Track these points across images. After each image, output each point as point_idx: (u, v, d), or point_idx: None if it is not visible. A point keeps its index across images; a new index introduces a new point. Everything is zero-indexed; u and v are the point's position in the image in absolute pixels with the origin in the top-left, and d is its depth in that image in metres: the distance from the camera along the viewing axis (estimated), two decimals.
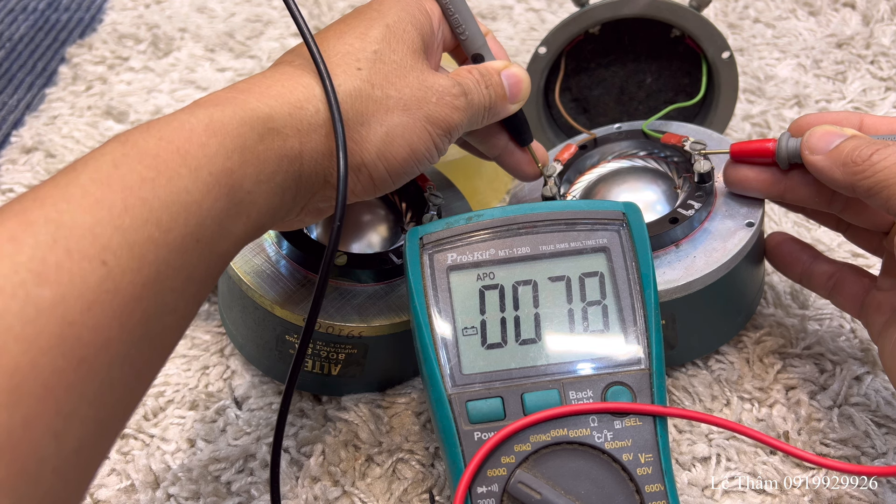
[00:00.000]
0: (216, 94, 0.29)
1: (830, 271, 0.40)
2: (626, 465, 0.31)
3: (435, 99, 0.33)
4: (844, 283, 0.39)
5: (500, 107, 0.36)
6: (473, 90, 0.34)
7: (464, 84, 0.34)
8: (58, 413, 0.21)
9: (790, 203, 0.39)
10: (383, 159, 0.32)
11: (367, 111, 0.31)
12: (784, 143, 0.37)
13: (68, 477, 0.22)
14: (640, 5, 0.48)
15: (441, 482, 0.38)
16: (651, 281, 0.33)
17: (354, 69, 0.31)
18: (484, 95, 0.35)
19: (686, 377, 0.43)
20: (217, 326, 0.46)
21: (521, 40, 0.71)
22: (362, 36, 0.32)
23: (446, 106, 0.33)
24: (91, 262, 0.22)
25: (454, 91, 0.33)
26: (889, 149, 0.32)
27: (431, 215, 0.41)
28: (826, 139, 0.34)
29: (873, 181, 0.31)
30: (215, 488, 0.38)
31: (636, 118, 0.54)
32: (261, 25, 0.73)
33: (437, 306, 0.34)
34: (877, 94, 0.62)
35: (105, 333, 0.22)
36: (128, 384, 0.24)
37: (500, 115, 0.37)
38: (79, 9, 0.77)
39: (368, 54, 0.32)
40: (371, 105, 0.31)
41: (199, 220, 0.25)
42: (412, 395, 0.42)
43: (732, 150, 0.39)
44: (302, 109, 0.30)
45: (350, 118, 0.31)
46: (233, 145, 0.27)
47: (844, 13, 0.70)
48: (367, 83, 0.31)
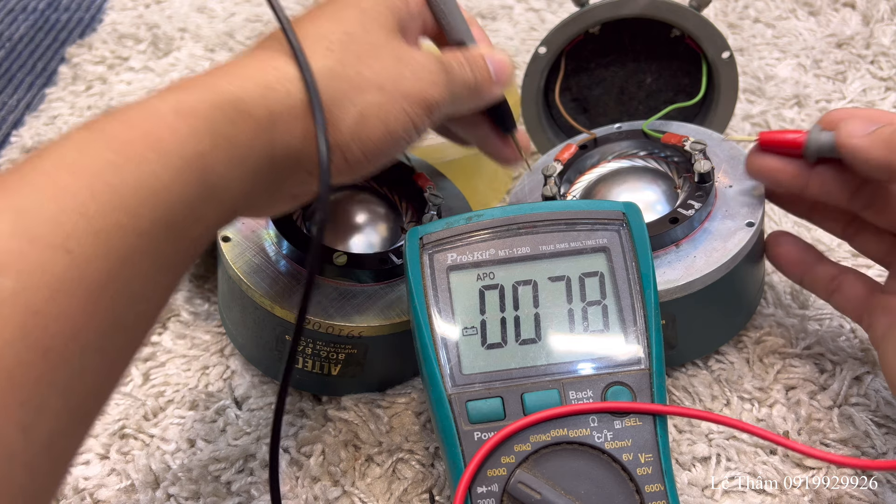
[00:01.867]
0: (187, 79, 0.28)
1: (832, 274, 0.40)
2: (626, 465, 0.31)
3: (410, 74, 0.32)
4: (846, 286, 0.39)
5: (486, 89, 0.36)
6: (455, 68, 0.34)
7: (444, 62, 0.34)
8: (24, 405, 0.20)
9: (810, 198, 0.39)
10: (357, 140, 0.31)
11: (339, 91, 0.30)
12: (815, 135, 0.36)
13: (40, 471, 0.21)
14: (640, 5, 0.48)
15: (441, 482, 0.38)
16: (651, 281, 0.33)
17: (325, 49, 0.31)
18: (468, 75, 0.34)
19: (686, 377, 0.43)
20: (217, 326, 0.46)
21: (521, 40, 0.71)
22: (335, 18, 0.32)
23: (423, 81, 0.32)
24: (55, 250, 0.22)
25: (432, 67, 0.33)
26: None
27: (431, 215, 0.41)
28: (866, 124, 0.34)
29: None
30: (215, 488, 0.38)
31: (636, 118, 0.54)
32: (261, 25, 0.73)
33: (437, 306, 0.34)
34: (877, 94, 0.62)
35: (72, 322, 0.21)
36: (100, 374, 0.23)
37: (486, 97, 0.36)
38: (79, 9, 0.77)
39: (340, 35, 0.31)
40: (343, 84, 0.31)
41: (168, 205, 0.25)
42: (412, 395, 0.42)
43: (761, 137, 0.39)
44: (273, 91, 0.29)
45: (322, 99, 0.30)
46: (204, 128, 0.26)
47: (844, 13, 0.70)
48: (339, 63, 0.31)
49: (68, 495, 0.38)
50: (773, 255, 0.42)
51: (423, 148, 0.51)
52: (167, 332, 0.46)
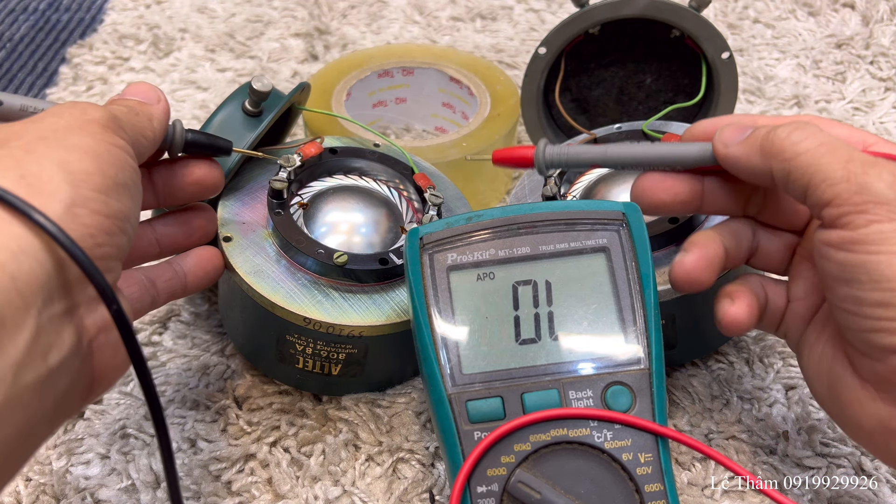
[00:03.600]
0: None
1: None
2: (626, 465, 0.31)
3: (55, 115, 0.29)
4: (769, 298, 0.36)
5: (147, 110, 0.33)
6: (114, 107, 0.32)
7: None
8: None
9: (709, 214, 0.37)
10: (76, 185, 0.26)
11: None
12: (542, 148, 0.35)
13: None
14: (640, 5, 0.48)
15: (441, 482, 0.38)
16: (651, 281, 0.33)
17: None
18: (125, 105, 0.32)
19: (686, 377, 0.43)
20: (217, 326, 0.46)
21: (521, 40, 0.71)
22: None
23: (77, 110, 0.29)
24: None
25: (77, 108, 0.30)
26: (805, 127, 0.30)
27: (431, 215, 0.41)
28: (739, 129, 0.33)
29: (793, 164, 0.30)
30: (215, 488, 0.38)
31: (636, 118, 0.54)
32: (261, 26, 0.73)
33: (437, 306, 0.34)
34: (876, 94, 0.62)
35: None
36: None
37: (154, 116, 0.34)
38: (79, 9, 0.77)
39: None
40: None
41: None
42: (412, 395, 0.42)
43: (495, 155, 0.37)
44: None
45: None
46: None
47: (844, 13, 0.70)
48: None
49: (69, 495, 0.38)
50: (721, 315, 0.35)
51: (424, 148, 0.51)
52: (167, 332, 0.46)
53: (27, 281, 0.24)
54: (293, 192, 0.42)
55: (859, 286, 0.28)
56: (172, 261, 0.38)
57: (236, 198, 0.42)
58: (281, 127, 0.48)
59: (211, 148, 0.37)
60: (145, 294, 0.36)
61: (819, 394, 0.33)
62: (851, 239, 0.28)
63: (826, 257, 0.30)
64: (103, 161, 0.28)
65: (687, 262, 0.33)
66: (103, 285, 0.26)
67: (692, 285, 0.33)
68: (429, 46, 0.64)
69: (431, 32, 0.73)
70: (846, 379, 0.31)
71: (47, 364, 0.25)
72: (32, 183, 0.25)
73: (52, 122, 0.28)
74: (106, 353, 0.28)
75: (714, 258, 0.34)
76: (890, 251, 0.27)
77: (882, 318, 0.28)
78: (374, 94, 0.59)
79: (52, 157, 0.26)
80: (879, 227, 0.28)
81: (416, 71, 0.58)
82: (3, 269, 0.23)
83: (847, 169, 0.29)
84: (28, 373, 0.24)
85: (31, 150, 0.27)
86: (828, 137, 0.30)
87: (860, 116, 0.61)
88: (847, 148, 0.29)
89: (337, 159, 0.44)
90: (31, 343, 0.24)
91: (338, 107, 0.54)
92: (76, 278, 0.26)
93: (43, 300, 0.24)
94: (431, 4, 0.76)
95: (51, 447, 0.40)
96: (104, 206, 0.27)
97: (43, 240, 0.25)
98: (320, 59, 0.69)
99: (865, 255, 0.28)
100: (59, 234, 0.24)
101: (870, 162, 0.29)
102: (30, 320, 0.24)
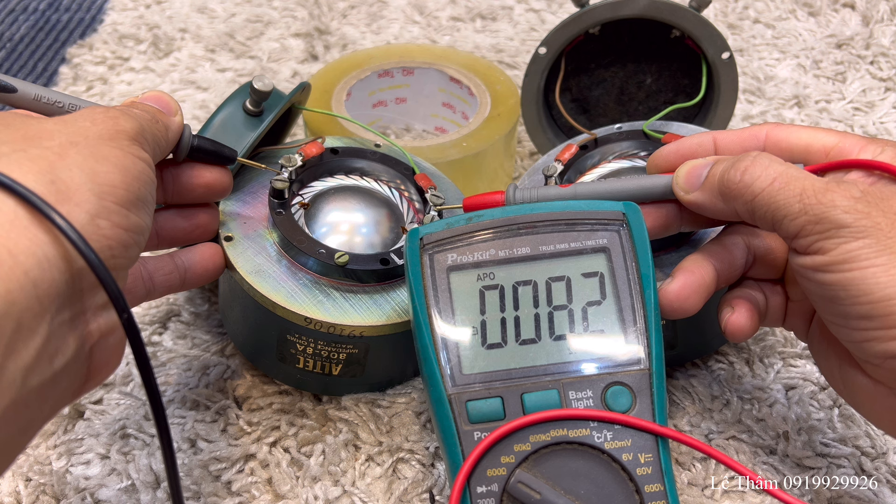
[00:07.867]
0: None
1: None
2: (626, 465, 0.31)
3: (86, 118, 0.30)
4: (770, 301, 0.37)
5: (165, 119, 0.34)
6: (131, 108, 0.33)
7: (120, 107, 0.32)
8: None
9: (695, 230, 0.38)
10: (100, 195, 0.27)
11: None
12: (511, 193, 0.36)
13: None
14: (640, 6, 0.48)
15: (441, 482, 0.38)
16: (651, 281, 0.33)
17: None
18: (140, 111, 0.33)
19: (686, 377, 0.43)
20: (217, 326, 0.46)
21: (521, 40, 0.71)
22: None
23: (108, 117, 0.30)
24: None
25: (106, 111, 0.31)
26: (755, 163, 0.31)
27: (432, 216, 0.41)
28: (694, 174, 0.34)
29: (754, 204, 0.31)
30: (215, 488, 0.38)
31: (636, 118, 0.54)
32: (261, 26, 0.73)
33: (437, 306, 0.34)
34: (876, 94, 0.62)
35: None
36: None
37: (170, 128, 0.34)
38: (79, 9, 0.77)
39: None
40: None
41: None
42: (412, 395, 0.42)
43: (465, 203, 0.38)
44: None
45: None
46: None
47: (844, 14, 0.70)
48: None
49: (69, 495, 0.38)
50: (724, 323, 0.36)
51: (424, 148, 0.51)
52: (168, 332, 0.46)
53: (47, 289, 0.24)
54: (294, 191, 0.42)
55: (841, 303, 0.29)
56: (175, 254, 0.38)
57: (237, 197, 0.42)
58: (281, 127, 0.48)
59: (216, 155, 0.37)
60: (139, 285, 0.37)
61: (837, 389, 0.34)
62: (824, 262, 0.29)
63: (806, 278, 0.31)
64: (129, 174, 0.28)
65: (670, 290, 0.34)
66: (118, 296, 0.26)
67: (676, 313, 0.34)
68: (429, 46, 0.64)
69: (431, 32, 0.73)
70: (858, 378, 0.32)
71: (52, 368, 0.25)
72: (62, 189, 0.26)
73: (85, 127, 0.29)
74: (103, 355, 0.28)
75: (700, 285, 0.34)
76: (861, 267, 0.29)
77: (868, 328, 0.29)
78: (374, 94, 0.59)
79: (84, 167, 0.27)
80: (847, 248, 0.29)
81: (416, 71, 0.58)
82: (27, 274, 0.23)
83: (802, 203, 0.30)
84: (35, 377, 0.24)
85: (64, 154, 0.27)
86: (780, 170, 0.31)
87: (860, 116, 0.61)
88: (799, 178, 0.30)
89: (338, 159, 0.44)
90: (42, 348, 0.24)
91: (338, 107, 0.54)
92: (88, 286, 0.26)
93: (57, 307, 0.25)
94: (431, 4, 0.76)
95: (51, 447, 0.40)
96: (125, 220, 0.28)
97: (64, 249, 0.25)
98: (320, 59, 0.69)
99: (840, 274, 0.29)
100: (82, 245, 0.25)
101: (821, 189, 0.30)
102: (43, 326, 0.24)
